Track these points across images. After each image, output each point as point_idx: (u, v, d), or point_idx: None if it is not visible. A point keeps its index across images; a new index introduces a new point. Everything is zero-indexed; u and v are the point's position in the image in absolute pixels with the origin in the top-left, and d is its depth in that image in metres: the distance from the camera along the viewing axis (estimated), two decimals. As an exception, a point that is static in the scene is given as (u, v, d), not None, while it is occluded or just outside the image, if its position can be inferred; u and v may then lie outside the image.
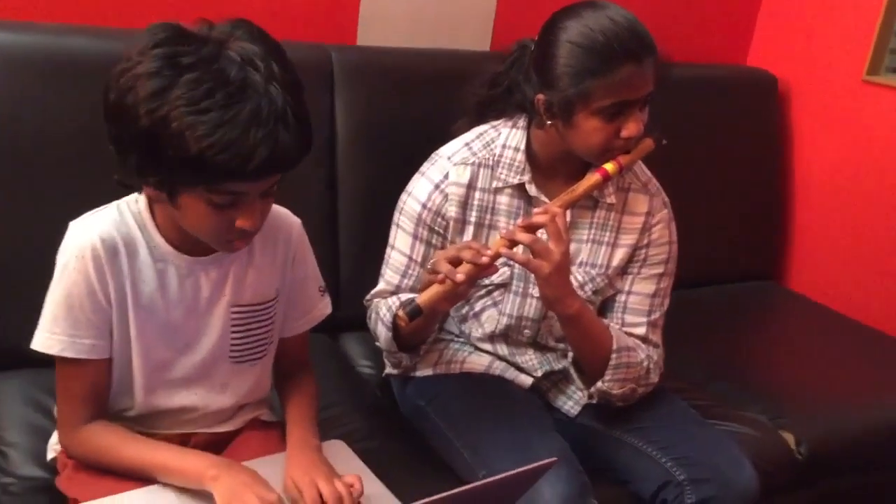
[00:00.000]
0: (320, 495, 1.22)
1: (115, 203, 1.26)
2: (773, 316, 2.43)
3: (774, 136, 2.57)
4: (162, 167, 1.10)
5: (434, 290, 1.36)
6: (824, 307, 2.45)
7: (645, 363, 1.57)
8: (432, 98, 1.85)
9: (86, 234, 1.21)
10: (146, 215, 1.25)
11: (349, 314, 1.82)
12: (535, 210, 1.44)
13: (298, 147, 1.12)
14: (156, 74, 1.06)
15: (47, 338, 1.22)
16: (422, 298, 1.37)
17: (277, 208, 1.34)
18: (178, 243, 1.25)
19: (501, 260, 1.39)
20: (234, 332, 1.32)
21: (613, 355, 1.51)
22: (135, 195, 1.26)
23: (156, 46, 1.08)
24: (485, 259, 1.34)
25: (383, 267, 1.63)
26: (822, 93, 2.53)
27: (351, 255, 1.93)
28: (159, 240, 1.24)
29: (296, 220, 1.38)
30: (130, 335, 1.25)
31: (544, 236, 1.41)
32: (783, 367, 2.09)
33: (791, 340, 2.27)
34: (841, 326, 2.34)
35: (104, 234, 1.21)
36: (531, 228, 1.40)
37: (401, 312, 1.38)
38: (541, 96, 1.48)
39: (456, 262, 1.36)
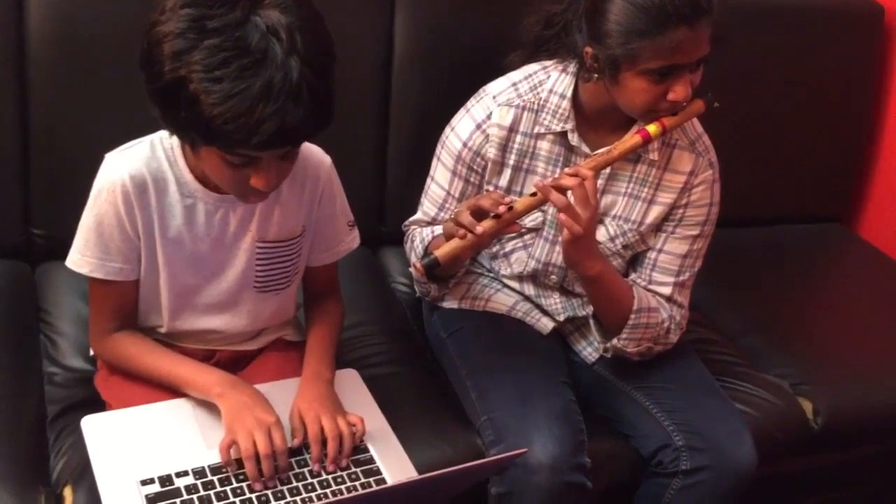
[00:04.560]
0: (323, 430, 1.30)
1: (149, 137, 1.30)
2: (834, 264, 2.34)
3: (873, 71, 2.40)
4: (179, 123, 1.14)
5: (454, 243, 1.37)
6: (890, 259, 2.34)
7: (666, 323, 1.57)
8: (494, 23, 1.79)
9: (117, 170, 1.26)
10: (178, 152, 1.29)
11: (392, 229, 1.85)
12: (566, 170, 1.41)
13: (310, 122, 1.12)
14: (180, 35, 1.08)
15: (79, 259, 1.31)
16: (441, 251, 1.38)
17: (308, 146, 1.35)
18: (206, 180, 1.29)
19: None
20: (258, 264, 1.37)
21: (633, 315, 1.51)
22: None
23: (185, 6, 1.09)
24: (502, 208, 1.34)
25: (423, 196, 1.65)
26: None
27: (398, 171, 1.94)
28: (189, 177, 1.29)
29: (325, 159, 1.40)
30: (158, 263, 1.33)
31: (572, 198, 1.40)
32: (825, 325, 2.03)
33: (844, 294, 2.18)
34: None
35: (134, 171, 1.26)
36: (559, 189, 1.38)
37: (418, 264, 1.41)
38: (589, 49, 1.43)
39: (478, 214, 1.37)
